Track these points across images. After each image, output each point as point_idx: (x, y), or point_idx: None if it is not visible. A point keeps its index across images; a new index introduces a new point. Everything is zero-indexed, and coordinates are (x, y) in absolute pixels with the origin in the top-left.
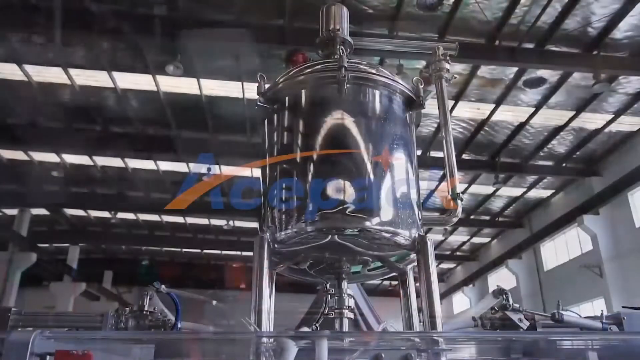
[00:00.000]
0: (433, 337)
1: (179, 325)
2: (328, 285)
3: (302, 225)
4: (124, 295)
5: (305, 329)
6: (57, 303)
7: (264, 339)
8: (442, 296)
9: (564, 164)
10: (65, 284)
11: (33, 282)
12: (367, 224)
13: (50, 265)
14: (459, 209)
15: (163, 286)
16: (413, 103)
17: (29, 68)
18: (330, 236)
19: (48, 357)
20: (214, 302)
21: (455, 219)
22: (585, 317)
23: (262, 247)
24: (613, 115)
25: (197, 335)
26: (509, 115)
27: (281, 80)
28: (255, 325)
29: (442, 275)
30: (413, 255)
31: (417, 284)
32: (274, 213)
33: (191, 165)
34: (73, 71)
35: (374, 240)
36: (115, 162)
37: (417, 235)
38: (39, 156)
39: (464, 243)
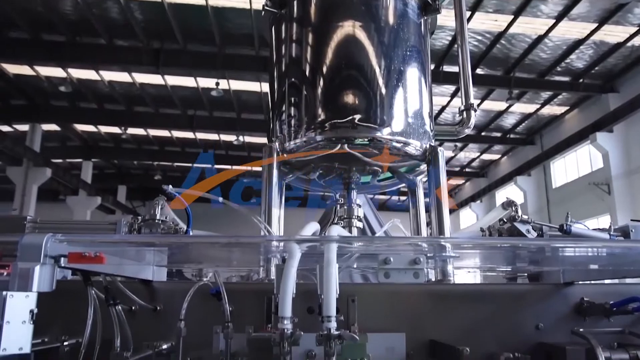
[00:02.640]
0: (440, 242)
1: (191, 233)
2: (337, 196)
3: (311, 135)
4: (138, 209)
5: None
6: (74, 217)
7: (274, 243)
8: (450, 211)
9: (580, 80)
10: (81, 198)
11: (50, 197)
12: (378, 133)
13: (65, 180)
14: (472, 121)
15: (171, 186)
16: (428, 7)
17: None
18: (340, 145)
19: (62, 259)
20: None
21: (467, 130)
22: (594, 229)
23: (271, 156)
24: (638, 28)
25: (209, 239)
26: (527, 27)
27: None
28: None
29: (451, 192)
30: (423, 166)
31: (427, 199)
32: (283, 123)
33: (199, 79)
34: None
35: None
36: (122, 76)
37: (428, 146)
38: (45, 71)
39: (473, 160)
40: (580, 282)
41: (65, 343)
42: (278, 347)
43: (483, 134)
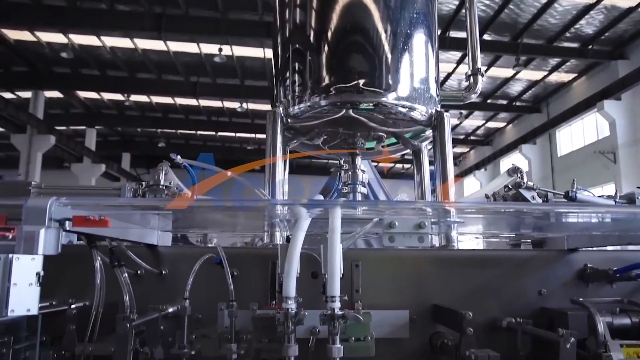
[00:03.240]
0: (445, 207)
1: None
2: (342, 161)
3: (316, 99)
4: (143, 176)
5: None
6: (79, 184)
7: (278, 207)
8: (454, 179)
9: (590, 46)
10: (85, 165)
11: (54, 164)
12: (383, 98)
13: (69, 148)
14: (479, 86)
15: (179, 156)
16: None
17: None
18: (344, 110)
19: (67, 222)
20: (229, 174)
21: (474, 96)
22: (599, 197)
23: (275, 122)
24: None
25: (213, 202)
26: None
27: None
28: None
29: (455, 159)
30: (428, 132)
31: (431, 167)
32: (287, 88)
33: (202, 45)
34: None
35: (390, 115)
36: (124, 42)
37: (434, 111)
38: (45, 37)
39: (478, 127)
40: (584, 249)
41: (73, 306)
42: (282, 327)
43: (489, 101)
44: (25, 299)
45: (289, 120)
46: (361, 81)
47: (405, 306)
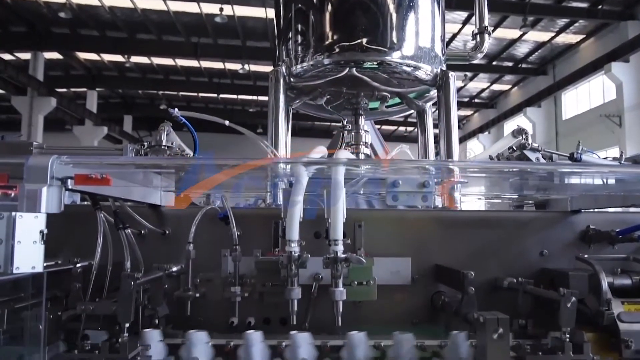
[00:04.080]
0: (449, 165)
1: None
2: (345, 122)
3: (319, 58)
4: (145, 138)
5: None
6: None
7: (281, 166)
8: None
9: (599, 6)
10: (87, 127)
11: (56, 126)
12: (387, 57)
13: (71, 110)
14: (486, 44)
15: (177, 109)
16: None
17: None
18: (348, 69)
19: (69, 181)
20: (227, 123)
21: (480, 55)
22: (604, 159)
23: (277, 81)
24: None
25: (216, 160)
26: None
27: None
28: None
29: (459, 122)
30: (433, 92)
31: (435, 130)
32: (290, 47)
33: (202, 5)
34: None
35: (394, 75)
36: (123, 1)
37: (439, 71)
38: None
39: (483, 90)
40: (587, 210)
41: (78, 265)
42: (285, 270)
43: (494, 63)
44: (30, 257)
45: (292, 79)
46: (365, 39)
47: (408, 266)
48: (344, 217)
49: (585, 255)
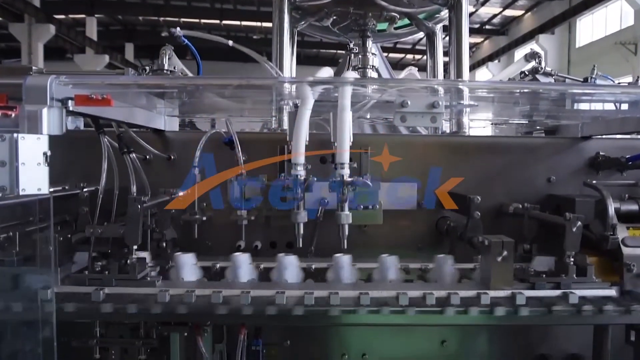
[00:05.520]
0: (458, 85)
1: None
2: (352, 44)
3: None
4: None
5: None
6: None
7: (286, 85)
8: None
9: None
10: (88, 56)
11: (56, 55)
12: None
13: (71, 38)
14: None
15: (179, 28)
16: None
17: None
18: None
19: (70, 102)
20: (230, 43)
21: None
22: (620, 83)
23: (282, 0)
24: None
25: (219, 80)
26: None
27: None
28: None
29: (468, 50)
30: (444, 13)
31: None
32: None
33: None
34: None
35: None
36: None
37: None
38: None
39: (495, 15)
40: (597, 136)
41: (85, 190)
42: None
43: None
44: (35, 179)
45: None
46: None
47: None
48: (351, 140)
49: (594, 182)
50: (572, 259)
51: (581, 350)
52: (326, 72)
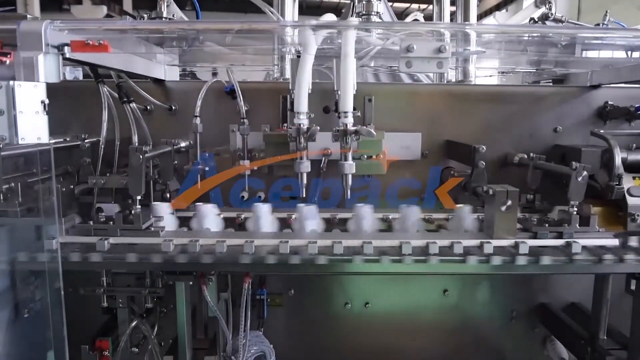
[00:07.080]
0: (465, 29)
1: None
2: None
3: None
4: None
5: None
6: None
7: (288, 30)
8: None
9: None
10: (86, 7)
11: (54, 6)
12: None
13: None
14: None
15: None
16: None
17: None
18: None
19: (66, 48)
20: None
21: None
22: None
23: None
24: None
25: (222, 24)
26: None
27: None
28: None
29: None
30: None
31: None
32: None
33: None
34: None
35: None
36: None
37: None
38: None
39: None
40: (607, 85)
41: (86, 141)
42: (294, 143)
43: None
44: (34, 127)
45: None
46: None
47: (418, 141)
48: (354, 88)
49: (601, 131)
50: (576, 209)
51: (581, 299)
52: (328, 17)
